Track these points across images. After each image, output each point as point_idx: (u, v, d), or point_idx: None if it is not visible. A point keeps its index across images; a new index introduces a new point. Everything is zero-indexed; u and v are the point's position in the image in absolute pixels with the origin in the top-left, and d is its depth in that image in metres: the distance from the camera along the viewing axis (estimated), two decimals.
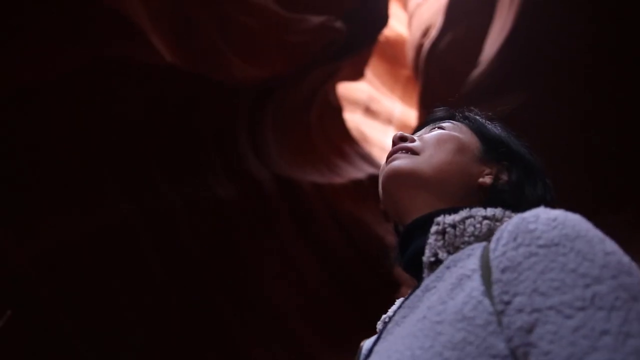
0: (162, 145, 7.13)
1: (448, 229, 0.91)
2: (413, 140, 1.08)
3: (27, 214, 5.78)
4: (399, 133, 1.10)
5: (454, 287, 0.80)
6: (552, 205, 0.94)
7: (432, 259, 0.90)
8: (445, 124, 1.13)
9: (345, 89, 16.04)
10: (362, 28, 8.86)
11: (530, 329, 0.66)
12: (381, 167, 1.09)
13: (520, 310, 0.68)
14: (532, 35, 7.54)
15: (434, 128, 1.13)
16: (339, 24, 7.63)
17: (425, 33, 12.27)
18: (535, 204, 0.88)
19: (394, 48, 17.77)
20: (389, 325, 0.88)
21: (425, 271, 0.91)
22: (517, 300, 0.69)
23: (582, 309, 0.64)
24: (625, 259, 0.71)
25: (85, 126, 6.21)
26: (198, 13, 6.40)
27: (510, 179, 1.05)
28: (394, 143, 1.08)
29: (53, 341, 5.73)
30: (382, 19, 10.15)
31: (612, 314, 0.63)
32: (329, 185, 10.59)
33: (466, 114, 1.18)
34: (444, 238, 0.91)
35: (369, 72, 17.41)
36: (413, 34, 13.53)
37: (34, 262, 5.64)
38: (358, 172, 11.65)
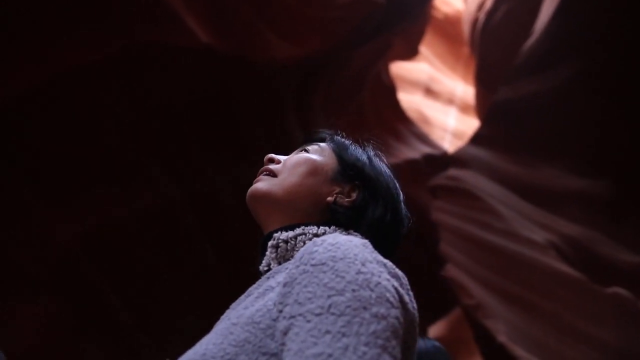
0: (206, 128, 7.22)
1: (281, 244, 1.09)
2: (279, 162, 1.24)
3: (73, 194, 6.00)
4: (269, 155, 1.26)
5: (259, 296, 0.96)
6: (392, 225, 1.18)
7: (265, 268, 1.09)
8: (311, 147, 1.27)
9: (405, 69, 15.72)
10: (404, 1, 8.65)
11: (286, 332, 0.80)
12: None
13: (284, 317, 0.83)
14: (584, 1, 7.14)
15: (302, 150, 1.27)
16: None
17: (480, 6, 11.85)
18: (373, 224, 1.14)
19: (455, 26, 17.23)
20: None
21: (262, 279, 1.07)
22: (285, 309, 0.84)
23: (319, 314, 0.78)
24: (376, 278, 0.83)
25: (127, 110, 6.37)
26: None
27: (357, 198, 1.18)
28: (264, 164, 1.25)
29: (100, 318, 5.96)
30: None
31: (339, 318, 0.77)
32: None
33: (334, 137, 1.31)
34: (276, 251, 1.09)
35: (428, 52, 16.99)
36: (469, 8, 13.12)
37: (80, 240, 5.86)
38: (413, 152, 11.42)
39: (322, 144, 1.28)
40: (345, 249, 0.88)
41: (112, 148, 6.37)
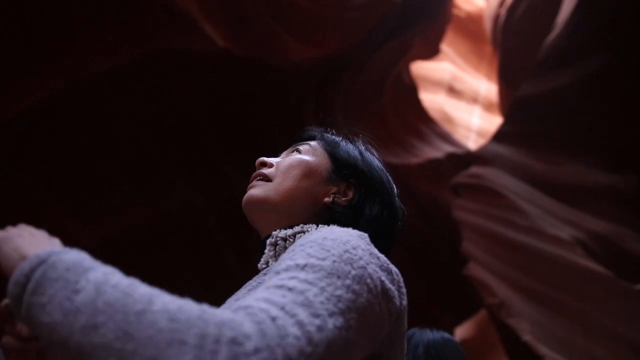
0: (226, 132, 7.26)
1: (279, 242, 1.09)
2: (271, 166, 1.22)
3: (94, 200, 6.09)
4: (261, 159, 1.24)
5: (252, 288, 0.97)
6: (389, 221, 1.17)
7: (264, 265, 1.09)
8: (302, 147, 1.26)
9: (427, 69, 15.62)
10: (420, 1, 8.59)
11: None
12: None
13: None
14: None
15: (294, 150, 1.26)
16: None
17: (501, 3, 11.72)
18: (371, 221, 1.13)
19: (477, 24, 17.06)
20: None
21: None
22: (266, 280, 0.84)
23: (287, 269, 0.78)
24: (362, 262, 0.83)
25: (147, 115, 6.44)
26: None
27: (354, 197, 1.18)
28: (256, 168, 1.23)
29: None
30: None
31: (310, 274, 0.76)
32: (404, 165, 10.39)
33: (324, 135, 1.31)
34: (275, 249, 1.09)
35: (451, 51, 16.84)
36: (490, 5, 12.99)
37: (101, 245, 5.94)
38: (436, 151, 11.34)
39: (312, 143, 1.27)
40: (338, 233, 0.88)
41: (133, 154, 6.45)
